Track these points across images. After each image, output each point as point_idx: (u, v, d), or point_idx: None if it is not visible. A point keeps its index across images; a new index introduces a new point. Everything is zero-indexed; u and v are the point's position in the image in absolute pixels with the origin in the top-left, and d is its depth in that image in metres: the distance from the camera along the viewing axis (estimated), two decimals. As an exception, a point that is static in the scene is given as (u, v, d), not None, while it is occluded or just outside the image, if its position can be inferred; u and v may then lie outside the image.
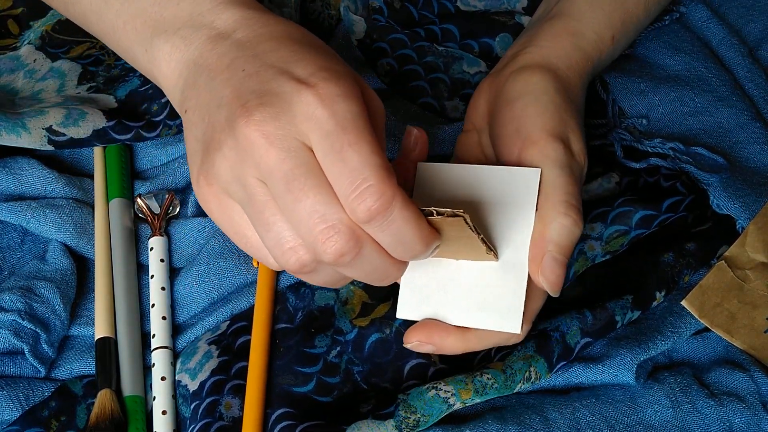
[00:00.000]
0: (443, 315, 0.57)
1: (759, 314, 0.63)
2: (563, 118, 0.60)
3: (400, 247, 0.51)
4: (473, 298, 0.57)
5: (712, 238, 0.65)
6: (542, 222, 0.56)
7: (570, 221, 0.56)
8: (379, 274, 0.53)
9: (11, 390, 0.61)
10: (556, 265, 0.56)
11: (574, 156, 0.59)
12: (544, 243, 0.56)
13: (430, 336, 0.57)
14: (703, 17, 0.78)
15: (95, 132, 0.68)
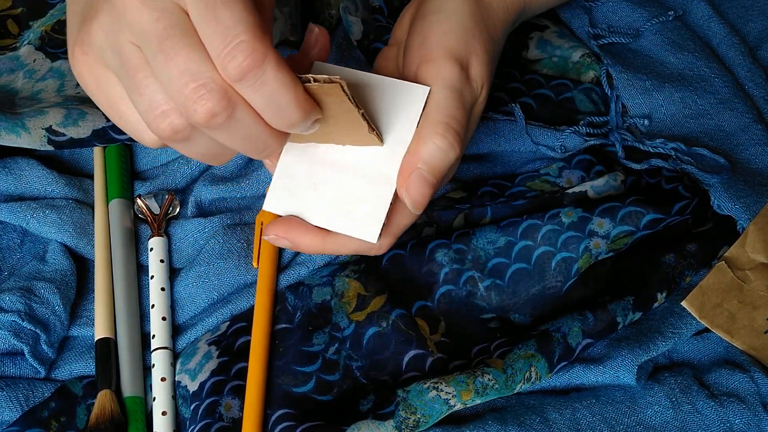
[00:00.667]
0: (307, 214, 0.57)
1: (759, 315, 0.63)
2: (468, 41, 0.59)
3: (274, 112, 0.50)
4: (339, 201, 0.57)
5: (713, 239, 0.65)
6: (418, 139, 0.56)
7: (445, 143, 0.56)
8: (256, 143, 0.52)
9: (11, 390, 0.61)
10: (422, 183, 0.55)
11: (470, 81, 0.58)
12: (416, 160, 0.55)
13: (289, 231, 0.57)
14: (704, 16, 0.78)
15: (95, 132, 0.68)
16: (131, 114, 0.52)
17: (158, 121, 0.50)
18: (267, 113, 0.50)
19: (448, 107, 0.56)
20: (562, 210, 0.65)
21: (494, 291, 0.64)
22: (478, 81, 0.59)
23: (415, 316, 0.63)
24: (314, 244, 0.57)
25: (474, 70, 0.59)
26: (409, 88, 0.57)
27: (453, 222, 0.68)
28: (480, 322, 0.64)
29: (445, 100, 0.57)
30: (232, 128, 0.50)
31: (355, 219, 0.56)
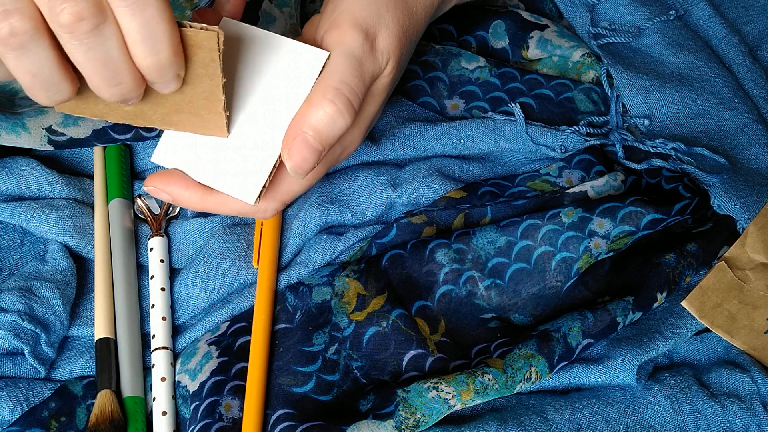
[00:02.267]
0: (191, 169, 0.57)
1: (759, 315, 0.63)
2: (380, 12, 0.58)
3: (145, 43, 0.47)
4: (224, 159, 0.56)
5: (713, 239, 0.65)
6: (308, 103, 0.55)
7: (333, 109, 0.54)
8: (113, 71, 0.48)
9: (11, 391, 0.61)
10: (305, 147, 0.54)
11: (375, 51, 0.57)
12: (303, 124, 0.55)
13: (169, 184, 0.56)
14: (705, 15, 0.78)
15: (95, 132, 0.68)
16: None
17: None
18: (137, 43, 0.47)
19: (343, 74, 0.55)
20: (562, 210, 0.65)
21: (494, 291, 0.64)
22: (384, 53, 0.57)
23: (415, 316, 0.63)
24: (194, 199, 0.57)
25: (381, 41, 0.57)
26: (307, 51, 0.56)
27: (453, 222, 0.68)
28: (480, 322, 0.64)
29: (340, 66, 0.55)
30: (93, 44, 0.47)
31: (235, 179, 0.56)
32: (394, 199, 0.68)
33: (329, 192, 0.68)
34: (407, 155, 0.70)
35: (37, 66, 0.47)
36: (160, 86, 0.50)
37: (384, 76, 0.58)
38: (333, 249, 0.66)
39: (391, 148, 0.70)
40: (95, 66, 0.47)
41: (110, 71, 0.48)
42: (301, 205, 0.69)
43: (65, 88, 0.49)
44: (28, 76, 0.48)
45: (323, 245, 0.66)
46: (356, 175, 0.69)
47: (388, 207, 0.68)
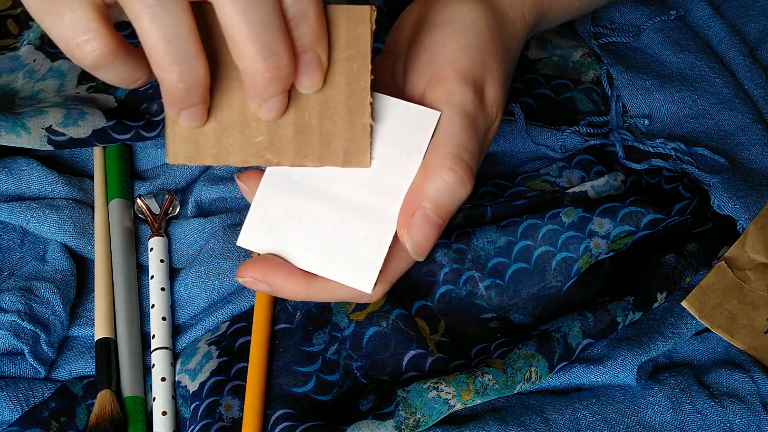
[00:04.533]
0: (290, 253, 0.50)
1: (759, 315, 0.63)
2: (484, 59, 0.52)
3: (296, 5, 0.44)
4: (329, 241, 0.49)
5: (713, 239, 0.65)
6: (424, 173, 0.49)
7: (455, 178, 0.48)
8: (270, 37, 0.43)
9: (11, 391, 0.61)
10: (427, 225, 0.48)
11: (485, 106, 0.51)
12: (421, 197, 0.48)
13: (267, 274, 0.50)
14: (705, 15, 0.78)
15: (95, 132, 0.68)
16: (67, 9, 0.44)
17: None
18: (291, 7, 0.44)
19: (460, 137, 0.49)
20: (562, 210, 0.65)
21: (494, 291, 0.64)
22: (494, 106, 0.52)
23: (415, 315, 0.63)
24: (297, 290, 0.50)
25: (489, 93, 0.52)
26: (416, 111, 0.49)
27: (453, 222, 0.68)
28: (480, 322, 0.64)
29: (455, 127, 0.49)
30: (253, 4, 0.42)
31: (347, 264, 0.49)
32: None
33: (329, 192, 0.68)
34: (407, 155, 0.70)
35: (172, 29, 0.42)
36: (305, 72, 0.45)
37: (492, 130, 0.53)
38: (333, 249, 0.66)
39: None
40: (253, 29, 0.43)
41: (267, 36, 0.43)
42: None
43: (199, 65, 0.44)
44: (162, 43, 0.43)
45: (323, 245, 0.66)
46: (356, 175, 0.69)
47: (388, 207, 0.68)
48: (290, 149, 0.47)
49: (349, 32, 0.45)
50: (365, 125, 0.47)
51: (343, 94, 0.47)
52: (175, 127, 0.47)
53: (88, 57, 0.44)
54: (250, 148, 0.47)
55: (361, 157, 0.48)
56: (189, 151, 0.47)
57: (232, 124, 0.47)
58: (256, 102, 0.46)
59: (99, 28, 0.43)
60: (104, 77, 0.45)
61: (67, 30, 0.43)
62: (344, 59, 0.46)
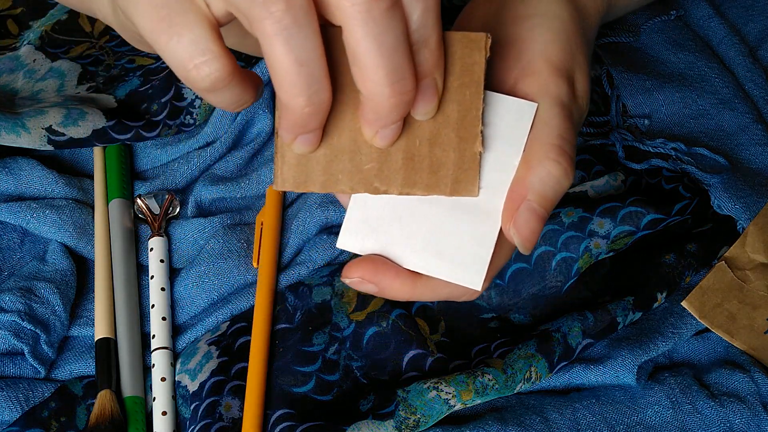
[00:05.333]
0: (393, 253, 0.49)
1: (759, 315, 0.63)
2: (573, 51, 0.52)
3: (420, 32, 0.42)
4: (432, 239, 0.48)
5: (713, 239, 0.65)
6: (527, 165, 0.48)
7: (559, 170, 0.48)
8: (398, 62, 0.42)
9: (11, 391, 0.61)
10: (533, 218, 0.47)
11: (577, 98, 0.51)
12: (525, 190, 0.48)
13: (375, 274, 0.48)
14: (705, 15, 0.78)
15: (95, 132, 0.68)
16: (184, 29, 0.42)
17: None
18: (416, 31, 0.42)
19: (560, 127, 0.48)
20: (562, 210, 0.65)
21: (494, 291, 0.64)
22: (584, 96, 0.52)
23: (415, 315, 0.63)
24: (405, 289, 0.49)
25: (579, 85, 0.52)
26: (513, 104, 0.48)
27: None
28: (480, 321, 0.64)
29: (555, 118, 0.48)
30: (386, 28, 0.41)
31: (453, 261, 0.48)
32: (394, 199, 0.68)
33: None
34: (407, 155, 0.70)
35: (305, 51, 0.41)
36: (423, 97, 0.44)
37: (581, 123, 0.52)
38: (333, 249, 0.66)
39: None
40: (384, 54, 0.41)
41: (396, 60, 0.42)
42: (301, 205, 0.69)
43: (325, 88, 0.42)
44: (295, 66, 0.41)
45: (323, 245, 0.66)
46: (356, 175, 0.69)
47: (388, 207, 0.68)
48: (399, 177, 0.47)
49: (464, 59, 0.45)
50: (475, 154, 0.46)
51: (454, 122, 0.46)
52: (285, 153, 0.46)
53: (206, 80, 0.42)
54: (358, 176, 0.47)
55: (469, 186, 0.47)
56: (298, 178, 0.46)
57: (343, 150, 0.46)
58: (374, 129, 0.45)
59: (218, 49, 0.42)
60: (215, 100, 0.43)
61: (184, 51, 0.42)
62: (457, 86, 0.45)
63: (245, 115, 0.71)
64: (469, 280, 0.48)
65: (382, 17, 0.41)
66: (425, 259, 0.48)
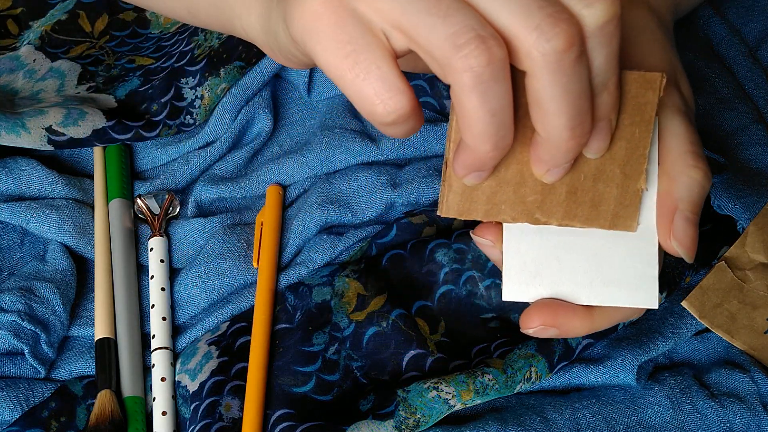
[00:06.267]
0: (562, 293, 0.49)
1: (759, 315, 0.63)
2: (670, 57, 0.52)
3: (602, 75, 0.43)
4: (595, 270, 0.48)
5: (713, 239, 0.65)
6: (668, 178, 0.48)
7: (701, 174, 0.48)
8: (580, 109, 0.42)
9: (11, 391, 0.61)
10: (690, 227, 0.48)
11: (687, 100, 0.51)
12: (674, 202, 0.48)
13: (556, 318, 0.48)
14: (705, 15, 0.78)
15: (95, 132, 0.68)
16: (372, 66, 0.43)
17: (469, 45, 0.40)
18: (597, 76, 0.43)
19: (687, 134, 0.49)
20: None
21: (494, 290, 0.64)
22: (691, 97, 0.52)
23: (415, 316, 0.63)
24: (584, 325, 0.49)
25: (684, 87, 0.52)
26: None
27: (453, 222, 0.68)
28: (480, 321, 0.64)
29: (681, 127, 0.49)
30: (573, 77, 0.41)
31: (623, 286, 0.48)
32: (394, 199, 0.68)
33: (329, 192, 0.68)
34: (407, 155, 0.70)
35: (499, 102, 0.42)
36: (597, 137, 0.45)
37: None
38: (333, 249, 0.66)
39: (391, 148, 0.69)
40: (569, 102, 0.42)
41: (579, 107, 0.42)
42: (301, 205, 0.69)
43: (510, 134, 0.43)
44: (488, 116, 0.42)
45: (323, 245, 0.66)
46: (356, 175, 0.69)
47: (388, 207, 0.68)
48: (560, 210, 0.47)
49: (637, 98, 0.45)
50: (637, 190, 0.47)
51: (621, 159, 0.46)
52: (453, 183, 0.46)
53: (391, 115, 0.42)
54: (520, 207, 0.47)
55: (628, 222, 0.48)
56: (462, 206, 0.47)
57: (508, 182, 0.47)
58: (546, 168, 0.46)
59: (403, 86, 0.42)
60: (392, 131, 0.44)
61: (371, 89, 0.42)
62: (628, 125, 0.46)
63: (245, 115, 0.71)
64: (645, 301, 0.48)
65: (571, 66, 0.41)
66: (596, 291, 0.49)
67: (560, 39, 0.40)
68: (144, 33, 0.78)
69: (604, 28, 0.42)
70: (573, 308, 0.49)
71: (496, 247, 0.50)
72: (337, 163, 0.69)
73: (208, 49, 0.72)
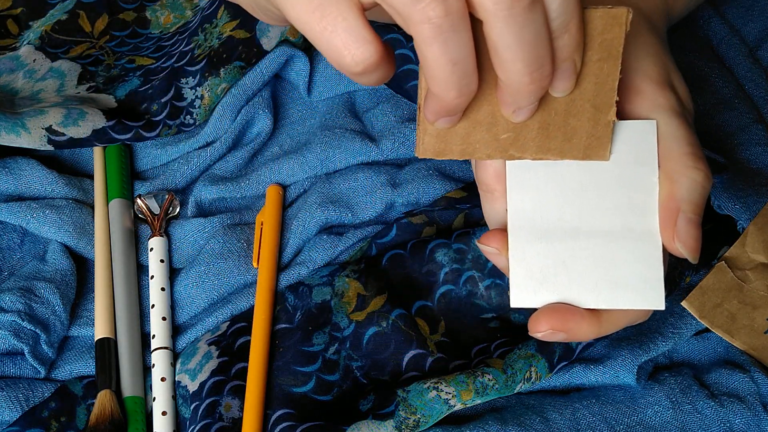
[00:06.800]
0: (570, 297, 0.49)
1: (759, 315, 0.63)
2: (664, 61, 0.53)
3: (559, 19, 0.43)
4: (601, 274, 0.49)
5: (713, 239, 0.65)
6: (669, 179, 0.49)
7: (701, 175, 0.49)
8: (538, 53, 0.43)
9: (11, 391, 0.61)
10: (693, 228, 0.48)
11: (684, 102, 0.52)
12: (676, 203, 0.48)
13: (564, 322, 0.49)
14: (705, 15, 0.78)
15: (95, 132, 0.68)
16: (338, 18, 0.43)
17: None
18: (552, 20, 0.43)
19: (686, 135, 0.50)
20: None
21: (494, 290, 0.64)
22: (688, 99, 0.53)
23: (415, 315, 0.63)
24: (592, 329, 0.50)
25: (680, 90, 0.53)
26: (633, 126, 0.49)
27: (453, 222, 0.68)
28: (480, 321, 0.64)
29: (679, 129, 0.50)
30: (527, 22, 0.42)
31: (629, 289, 0.49)
32: (394, 199, 0.68)
33: (329, 192, 0.68)
34: (407, 155, 0.70)
35: (459, 51, 0.43)
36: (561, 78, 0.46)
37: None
38: (333, 249, 0.66)
39: (391, 148, 0.70)
40: (524, 48, 0.43)
41: (536, 52, 0.43)
42: (301, 205, 0.69)
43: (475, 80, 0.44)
44: (449, 65, 0.43)
45: (323, 245, 0.66)
46: (356, 175, 0.69)
47: (388, 207, 0.68)
48: (533, 145, 0.48)
49: (603, 35, 0.46)
50: (609, 122, 0.48)
51: (590, 94, 0.47)
52: (427, 126, 0.48)
53: (360, 65, 0.43)
54: (494, 144, 0.48)
55: (600, 151, 0.49)
56: (437, 147, 0.48)
57: (481, 122, 0.48)
58: (511, 108, 0.47)
59: (370, 36, 0.43)
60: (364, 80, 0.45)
61: (339, 40, 0.43)
62: (596, 61, 0.46)
63: (245, 115, 0.71)
64: (651, 303, 0.49)
65: (523, 14, 0.42)
66: (603, 295, 0.49)
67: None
68: (144, 33, 0.78)
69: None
70: (581, 312, 0.49)
71: (501, 254, 0.50)
72: (337, 163, 0.69)
73: (208, 49, 0.72)
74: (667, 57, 0.54)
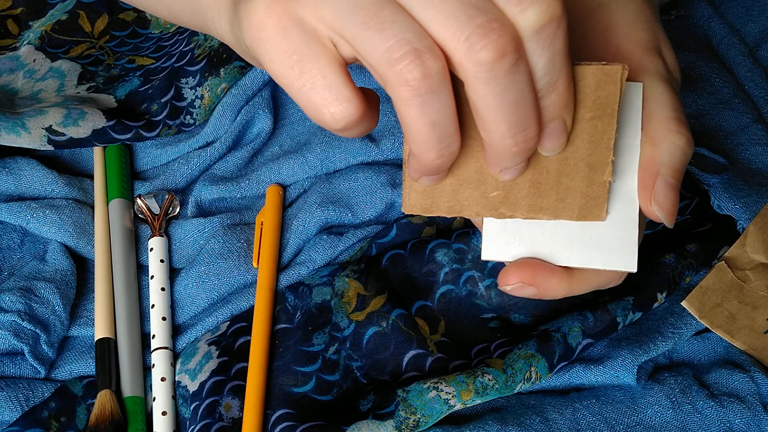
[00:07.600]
0: (542, 253, 0.49)
1: (759, 315, 0.63)
2: (654, 29, 0.53)
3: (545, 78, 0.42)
4: (576, 233, 0.48)
5: (713, 239, 0.65)
6: (651, 143, 0.48)
7: (683, 140, 0.48)
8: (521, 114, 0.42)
9: (11, 391, 0.61)
10: (671, 192, 0.48)
11: (671, 71, 0.52)
12: (655, 166, 0.48)
13: (534, 277, 0.48)
14: (705, 15, 0.78)
15: (95, 132, 0.68)
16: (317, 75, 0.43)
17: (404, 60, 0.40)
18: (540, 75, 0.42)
19: (670, 100, 0.49)
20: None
21: (494, 290, 0.64)
22: (676, 69, 0.53)
23: (415, 315, 0.63)
24: (562, 287, 0.49)
25: (669, 59, 0.52)
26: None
27: (453, 222, 0.68)
28: (480, 321, 0.64)
29: (664, 93, 0.49)
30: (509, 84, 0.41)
31: (603, 250, 0.48)
32: (394, 199, 0.68)
33: (329, 192, 0.68)
34: (407, 155, 0.70)
35: (438, 113, 0.42)
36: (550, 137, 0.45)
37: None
38: (333, 249, 0.66)
39: (391, 148, 0.70)
40: (506, 110, 0.42)
41: (519, 114, 0.42)
42: (301, 205, 0.69)
43: (456, 141, 0.43)
44: (428, 127, 0.42)
45: (323, 245, 0.66)
46: (356, 175, 0.69)
47: (388, 207, 0.68)
48: (524, 204, 0.47)
49: (597, 92, 0.45)
50: (604, 182, 0.47)
51: (584, 152, 0.46)
52: (412, 182, 0.47)
53: (340, 122, 0.43)
54: (484, 202, 0.47)
55: (596, 212, 0.47)
56: (424, 204, 0.47)
57: (469, 179, 0.47)
58: (497, 169, 0.46)
59: (350, 93, 0.43)
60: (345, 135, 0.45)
61: (318, 98, 0.43)
62: (589, 119, 0.46)
63: (245, 115, 0.71)
64: (624, 264, 0.48)
65: (505, 75, 0.41)
66: (576, 253, 0.49)
67: (489, 50, 0.40)
68: (144, 33, 0.78)
69: (542, 32, 0.41)
70: (552, 268, 0.49)
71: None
72: (337, 163, 0.69)
73: (208, 49, 0.72)
74: (658, 25, 0.53)
